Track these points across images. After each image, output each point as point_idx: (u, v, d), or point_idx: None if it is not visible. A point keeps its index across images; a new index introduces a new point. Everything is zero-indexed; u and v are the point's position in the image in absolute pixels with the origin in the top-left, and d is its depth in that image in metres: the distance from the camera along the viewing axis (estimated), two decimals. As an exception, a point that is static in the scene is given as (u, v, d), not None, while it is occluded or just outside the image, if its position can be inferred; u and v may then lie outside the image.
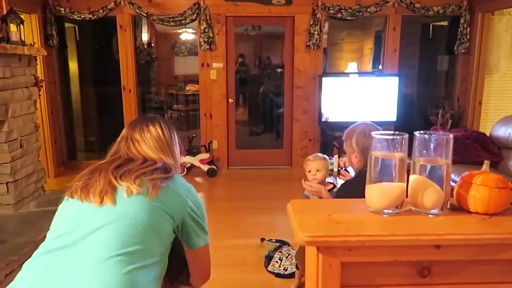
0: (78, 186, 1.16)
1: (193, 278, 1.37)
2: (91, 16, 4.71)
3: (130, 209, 1.11)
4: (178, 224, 1.22)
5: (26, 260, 1.11)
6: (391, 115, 4.81)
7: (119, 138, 1.37)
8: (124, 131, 1.38)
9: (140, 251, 1.07)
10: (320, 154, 2.41)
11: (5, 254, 2.44)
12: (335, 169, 3.38)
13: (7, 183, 3.09)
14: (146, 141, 1.32)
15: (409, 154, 1.00)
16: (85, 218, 1.10)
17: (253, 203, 4.06)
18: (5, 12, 3.33)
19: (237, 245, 3.09)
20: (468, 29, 4.94)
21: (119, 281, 1.01)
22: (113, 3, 4.70)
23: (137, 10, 4.73)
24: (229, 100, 5.16)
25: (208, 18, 4.79)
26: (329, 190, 2.26)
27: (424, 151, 0.99)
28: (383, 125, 4.67)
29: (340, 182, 3.16)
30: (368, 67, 6.58)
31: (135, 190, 1.12)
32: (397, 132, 0.98)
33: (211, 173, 4.89)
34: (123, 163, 1.24)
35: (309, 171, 2.33)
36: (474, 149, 3.71)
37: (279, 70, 6.24)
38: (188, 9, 4.79)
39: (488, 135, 3.90)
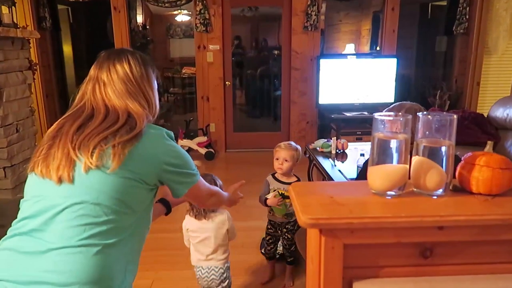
0: (39, 159, 1.07)
1: (198, 205, 1.45)
2: (84, -3, 4.63)
3: (90, 188, 1.01)
4: (154, 182, 1.13)
5: None
6: (389, 97, 4.79)
7: (86, 79, 1.21)
8: (91, 70, 1.21)
9: (107, 231, 1.01)
10: (293, 144, 2.27)
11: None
12: (333, 151, 3.38)
13: (4, 168, 3.08)
14: (113, 84, 1.15)
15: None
16: (47, 198, 1.03)
17: (251, 186, 4.03)
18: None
19: (237, 227, 3.10)
20: (468, 8, 4.89)
21: (83, 269, 0.97)
22: (106, -16, 4.61)
23: (131, -9, 4.64)
24: (226, 82, 5.12)
25: (204, -1, 4.71)
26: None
27: (427, 132, 0.98)
28: (381, 106, 4.67)
29: (338, 164, 3.16)
30: (366, 48, 6.53)
31: (93, 164, 1.01)
32: (400, 113, 0.96)
33: (208, 156, 4.89)
34: (83, 122, 1.10)
35: (277, 159, 2.23)
36: (472, 130, 3.72)
37: (276, 52, 6.18)
38: (183, -11, 4.70)
39: (486, 116, 3.90)
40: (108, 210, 1.02)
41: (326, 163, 3.14)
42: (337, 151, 3.37)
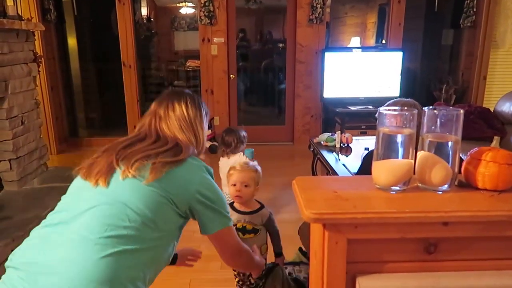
0: (86, 164, 1.17)
1: (222, 258, 1.35)
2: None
3: (122, 193, 1.08)
4: (185, 210, 1.17)
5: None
6: (395, 91, 4.76)
7: (146, 112, 1.34)
8: (152, 105, 1.34)
9: (127, 236, 1.04)
10: (251, 164, 1.83)
11: (11, 230, 2.47)
12: (337, 146, 3.37)
13: (9, 160, 3.10)
14: (168, 120, 1.28)
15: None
16: (82, 197, 1.11)
17: (255, 179, 4.07)
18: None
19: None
20: (475, 1, 4.83)
21: (94, 265, 0.99)
22: (111, -24, 4.59)
23: (136, -17, 4.61)
24: (231, 76, 5.11)
25: (208, -9, 4.68)
26: (257, 211, 1.81)
27: (433, 127, 0.97)
28: (386, 100, 4.64)
29: (342, 158, 3.15)
30: (372, 41, 6.48)
31: (131, 173, 1.09)
32: (406, 108, 0.95)
33: (213, 150, 4.89)
34: (133, 142, 1.21)
35: (233, 185, 1.76)
36: (478, 125, 3.69)
37: (281, 45, 6.15)
38: (188, -18, 4.67)
39: (492, 111, 3.87)
40: (133, 217, 1.06)
41: (330, 157, 3.13)
42: (342, 145, 3.36)
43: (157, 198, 1.10)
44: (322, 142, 3.40)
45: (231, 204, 1.84)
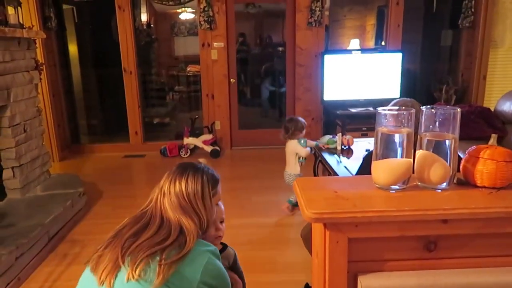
0: (95, 256, 1.16)
1: None
2: (88, -3, 4.65)
3: None
4: None
5: (35, 243, 1.15)
6: (395, 92, 4.77)
7: (158, 184, 1.31)
8: (163, 178, 1.31)
9: None
10: None
11: (15, 237, 2.48)
12: (339, 148, 3.38)
13: (12, 167, 3.11)
14: (169, 197, 1.25)
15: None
16: None
17: (257, 183, 4.09)
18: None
19: (243, 224, 3.12)
20: (473, 2, 4.85)
21: None
22: (110, -17, 4.63)
23: (135, -10, 4.65)
24: (231, 80, 5.13)
25: (207, -4, 4.71)
26: (221, 251, 1.64)
27: (431, 126, 0.98)
28: (386, 102, 4.65)
29: (344, 160, 3.16)
30: (371, 43, 6.50)
31: (135, 277, 1.06)
32: (403, 108, 0.97)
33: (214, 154, 4.90)
34: (139, 229, 1.19)
35: (221, 222, 1.59)
36: (478, 125, 3.69)
37: (280, 48, 6.17)
38: (187, -13, 4.71)
39: (492, 110, 3.87)
40: None
41: (331, 160, 3.14)
42: (343, 147, 3.37)
43: None
44: (323, 145, 3.41)
45: None
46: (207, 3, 4.72)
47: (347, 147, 3.39)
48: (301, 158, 3.31)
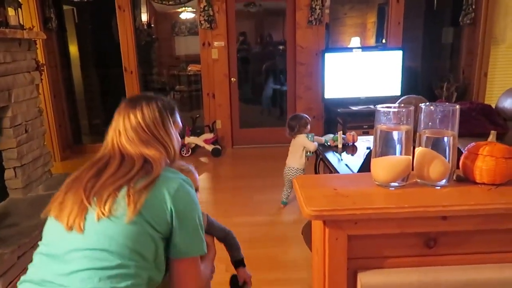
0: (55, 205, 1.08)
1: None
2: (89, -3, 4.65)
3: (102, 235, 1.00)
4: (166, 230, 1.07)
5: (37, 243, 1.11)
6: (396, 90, 4.77)
7: (109, 126, 1.21)
8: (113, 119, 1.21)
9: (118, 275, 0.99)
10: (185, 166, 1.50)
11: (17, 237, 2.49)
12: (339, 146, 3.37)
13: (14, 167, 3.12)
14: (126, 134, 1.16)
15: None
16: (61, 241, 1.04)
17: (259, 181, 4.09)
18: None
19: (244, 222, 3.12)
20: (474, -1, 4.84)
21: None
22: (110, -17, 4.63)
23: (136, -10, 4.65)
24: (232, 79, 5.13)
25: (208, -5, 4.71)
26: None
27: (430, 123, 0.98)
28: (387, 100, 4.64)
29: (345, 157, 3.16)
30: (372, 41, 6.49)
31: (106, 214, 1.00)
32: (403, 105, 0.97)
33: (215, 153, 4.91)
34: (100, 169, 1.10)
35: None
36: (480, 121, 3.69)
37: (281, 47, 6.16)
38: (187, -13, 4.70)
39: (493, 107, 3.86)
40: (118, 256, 1.00)
41: (332, 157, 3.14)
42: (347, 144, 3.37)
43: (139, 231, 1.02)
44: (328, 143, 3.42)
45: None
46: (207, 2, 4.72)
47: (351, 143, 3.40)
48: (308, 152, 3.38)
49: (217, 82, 5.06)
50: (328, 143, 3.38)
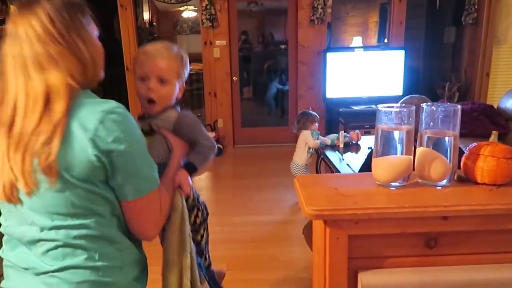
0: None
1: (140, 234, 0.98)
2: (91, -5, 4.65)
3: (42, 212, 0.87)
4: (105, 177, 0.88)
5: None
6: (397, 89, 4.76)
7: None
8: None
9: (78, 245, 0.89)
10: (174, 48, 1.24)
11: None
12: (341, 145, 3.37)
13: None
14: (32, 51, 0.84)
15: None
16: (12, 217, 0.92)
17: (260, 181, 4.09)
18: (4, -6, 3.30)
19: (245, 222, 3.13)
20: (476, -2, 4.82)
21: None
22: (113, -18, 4.63)
23: (138, -11, 4.65)
24: (233, 78, 5.13)
25: (209, -6, 4.71)
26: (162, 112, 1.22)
27: (432, 123, 0.98)
28: (390, 99, 4.64)
29: (346, 157, 3.16)
30: (374, 41, 6.48)
31: (33, 188, 0.84)
32: (404, 105, 0.97)
33: (217, 152, 4.91)
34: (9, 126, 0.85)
35: (142, 78, 1.18)
36: (482, 122, 3.68)
37: (283, 46, 6.17)
38: (189, -14, 4.70)
39: (495, 107, 3.86)
40: (69, 228, 0.87)
41: (334, 157, 3.14)
42: (351, 142, 3.39)
43: (76, 194, 0.85)
44: (333, 142, 3.42)
45: (140, 116, 1.30)
46: (209, 1, 4.72)
47: (355, 142, 3.41)
48: (311, 149, 3.43)
49: (218, 81, 5.06)
50: (334, 143, 3.40)
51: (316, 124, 3.48)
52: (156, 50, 1.19)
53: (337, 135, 3.48)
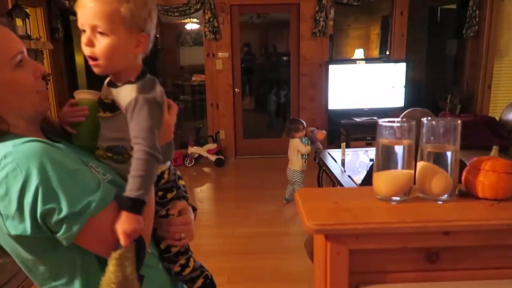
0: None
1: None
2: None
3: None
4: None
5: None
6: (399, 101, 4.78)
7: None
8: None
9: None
10: None
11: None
12: (343, 157, 3.38)
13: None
14: None
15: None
16: None
17: (262, 192, 4.09)
18: (10, 6, 3.34)
19: (247, 233, 3.12)
20: (477, 11, 4.86)
21: None
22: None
23: (142, 1, 4.71)
24: (236, 89, 5.15)
25: (212, 7, 4.76)
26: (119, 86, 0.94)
27: (432, 138, 0.98)
28: (391, 111, 4.65)
29: (348, 169, 3.15)
30: (375, 53, 6.52)
31: None
32: (404, 119, 0.97)
33: (219, 163, 4.91)
34: None
35: (83, 31, 0.88)
36: (484, 134, 3.68)
37: (285, 58, 6.21)
38: (192, -2, 4.76)
39: (498, 119, 3.86)
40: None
41: (336, 169, 3.14)
42: (316, 142, 3.66)
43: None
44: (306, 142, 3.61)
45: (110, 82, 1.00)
46: (212, 14, 4.77)
47: (317, 142, 3.69)
48: (304, 155, 3.55)
49: (221, 92, 5.09)
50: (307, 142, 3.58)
51: (303, 131, 3.60)
52: None
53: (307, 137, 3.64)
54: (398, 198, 0.97)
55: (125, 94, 0.90)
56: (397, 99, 4.79)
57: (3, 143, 0.75)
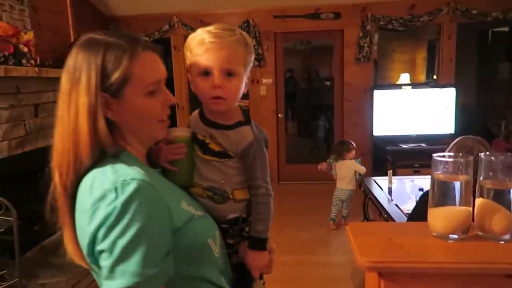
0: None
1: None
2: (147, 38, 4.96)
3: None
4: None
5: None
6: (449, 128, 4.60)
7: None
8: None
9: None
10: (237, 30, 0.99)
11: (72, 264, 2.59)
12: (390, 185, 3.28)
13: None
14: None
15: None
16: None
17: (305, 218, 4.04)
18: (72, 39, 3.60)
19: (290, 261, 3.07)
20: (532, 34, 4.66)
21: None
22: (167, 26, 4.94)
23: (190, 31, 4.92)
24: (279, 115, 5.20)
25: (257, 35, 4.88)
26: (232, 127, 0.99)
27: (491, 173, 0.94)
28: (440, 138, 4.49)
29: (395, 198, 3.06)
30: (422, 77, 6.38)
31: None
32: (461, 154, 0.94)
33: (261, 188, 4.92)
34: None
35: (206, 73, 0.95)
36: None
37: (328, 83, 6.21)
38: (238, 27, 4.90)
39: (558, 147, 3.62)
40: None
41: (382, 197, 3.05)
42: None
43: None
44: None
45: (201, 113, 1.06)
46: (257, 41, 4.89)
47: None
48: (358, 175, 3.67)
49: (264, 117, 5.15)
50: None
51: (353, 152, 3.66)
52: (216, 36, 0.92)
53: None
54: (455, 236, 0.93)
55: (242, 135, 0.98)
56: (447, 124, 4.62)
57: (116, 165, 0.78)
